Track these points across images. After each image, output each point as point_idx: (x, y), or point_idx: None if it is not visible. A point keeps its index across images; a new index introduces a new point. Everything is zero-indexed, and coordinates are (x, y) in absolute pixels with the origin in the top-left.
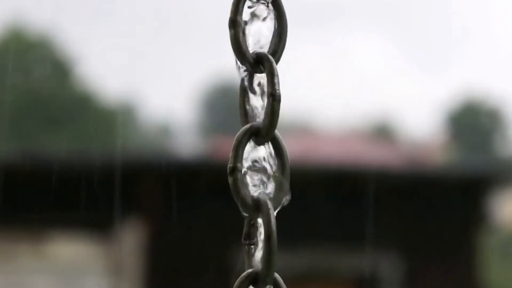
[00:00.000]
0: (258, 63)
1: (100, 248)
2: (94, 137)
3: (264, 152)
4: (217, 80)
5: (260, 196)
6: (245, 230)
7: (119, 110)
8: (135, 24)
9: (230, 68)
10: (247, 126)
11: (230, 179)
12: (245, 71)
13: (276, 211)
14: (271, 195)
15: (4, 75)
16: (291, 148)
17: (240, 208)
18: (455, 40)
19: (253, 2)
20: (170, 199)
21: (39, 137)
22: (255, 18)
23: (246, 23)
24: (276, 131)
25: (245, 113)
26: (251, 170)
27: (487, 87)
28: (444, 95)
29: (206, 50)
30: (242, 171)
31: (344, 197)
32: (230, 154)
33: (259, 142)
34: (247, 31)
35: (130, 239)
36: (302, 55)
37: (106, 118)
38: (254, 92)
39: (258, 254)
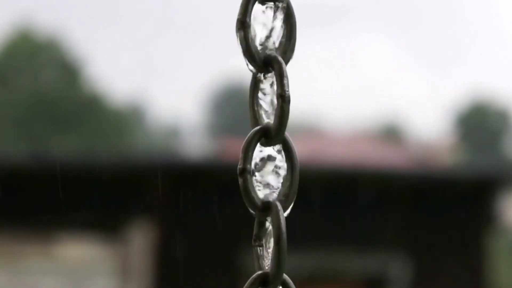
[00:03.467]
0: (268, 64)
1: (108, 249)
2: (102, 138)
3: (273, 153)
4: (225, 81)
5: (270, 197)
6: (254, 231)
7: (128, 112)
8: (144, 26)
9: (239, 69)
10: (257, 127)
11: (239, 180)
12: (254, 72)
13: (286, 213)
14: (281, 197)
15: (13, 77)
16: (299, 149)
17: (250, 210)
18: (463, 41)
19: (262, 3)
20: (178, 200)
21: (48, 139)
22: (264, 19)
23: (255, 24)
24: (286, 133)
25: (255, 115)
26: (260, 172)
27: (496, 88)
28: (452, 96)
29: (215, 51)
30: (252, 173)
31: (352, 198)
32: (240, 156)
33: (268, 144)
34: (256, 32)
35: (138, 240)
36: (310, 56)
37: (115, 120)
38: (263, 94)
39: (268, 255)
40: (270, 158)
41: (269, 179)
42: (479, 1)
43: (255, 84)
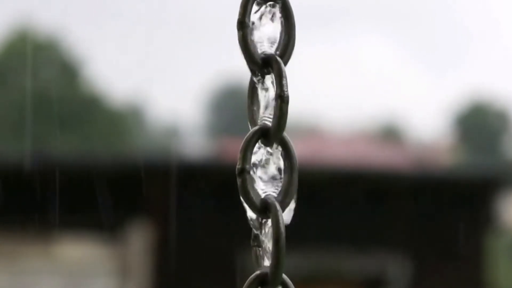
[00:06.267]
0: (267, 65)
1: (107, 250)
2: (101, 138)
3: (272, 153)
4: (224, 82)
5: (269, 197)
6: (253, 231)
7: (127, 112)
8: (143, 26)
9: (238, 70)
10: (256, 127)
11: (238, 181)
12: (253, 72)
13: (289, 215)
14: (280, 197)
15: (12, 76)
16: (298, 149)
17: (249, 210)
18: (463, 41)
19: (261, 3)
20: (177, 201)
21: (47, 139)
22: (263, 19)
23: (254, 24)
24: (285, 133)
25: (253, 115)
26: (259, 172)
27: (495, 89)
28: (451, 96)
29: (214, 51)
30: (251, 173)
31: (351, 199)
32: (239, 156)
33: (267, 144)
34: (255, 32)
35: (138, 241)
36: (309, 56)
37: (114, 120)
38: (262, 94)
39: (267, 255)
40: (269, 158)
41: (268, 180)
42: (478, 3)
43: (254, 85)
